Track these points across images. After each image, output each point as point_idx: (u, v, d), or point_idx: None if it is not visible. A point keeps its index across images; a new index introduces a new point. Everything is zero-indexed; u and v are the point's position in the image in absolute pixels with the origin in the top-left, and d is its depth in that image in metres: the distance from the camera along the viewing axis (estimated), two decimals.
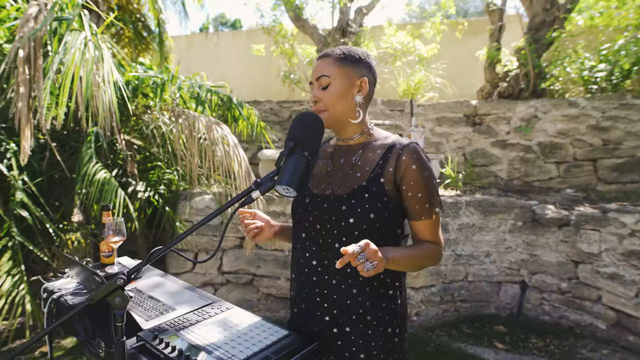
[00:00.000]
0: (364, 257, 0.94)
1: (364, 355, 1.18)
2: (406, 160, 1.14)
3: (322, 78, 1.20)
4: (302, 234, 1.28)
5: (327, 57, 1.23)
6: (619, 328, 3.06)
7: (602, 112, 4.42)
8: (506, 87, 5.21)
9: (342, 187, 1.22)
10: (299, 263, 1.30)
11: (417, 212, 1.16)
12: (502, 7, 5.59)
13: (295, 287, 1.34)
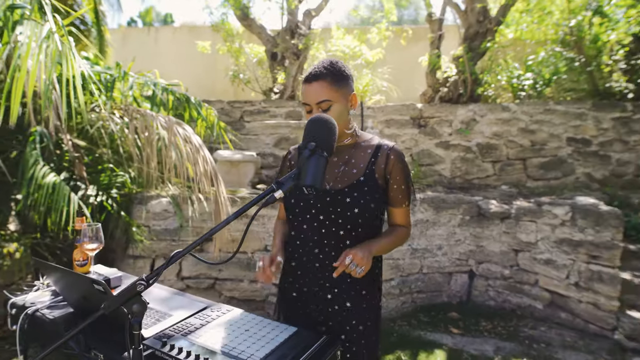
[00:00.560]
0: (354, 265, 1.20)
1: (362, 327, 1.37)
2: (394, 159, 1.37)
3: (323, 103, 1.30)
4: (304, 225, 1.39)
5: (322, 79, 1.31)
6: (553, 307, 3.47)
7: (530, 117, 4.94)
8: (447, 92, 5.61)
9: (341, 182, 1.38)
10: (300, 253, 1.42)
11: (398, 201, 1.40)
12: (442, 17, 6.00)
13: (295, 274, 1.44)
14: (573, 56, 5.30)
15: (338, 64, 1.34)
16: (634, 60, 5.08)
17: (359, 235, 1.36)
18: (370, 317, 1.39)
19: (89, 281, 1.24)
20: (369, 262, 1.24)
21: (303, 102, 1.35)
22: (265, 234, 3.55)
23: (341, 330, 1.36)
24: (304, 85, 1.34)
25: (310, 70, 1.36)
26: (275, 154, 5.42)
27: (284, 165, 1.58)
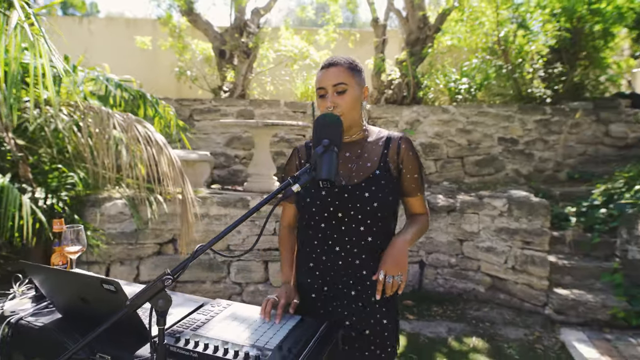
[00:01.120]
0: (390, 277, 1.23)
1: (386, 320, 1.36)
2: (405, 148, 1.38)
3: (340, 85, 1.32)
4: (322, 224, 1.38)
5: (339, 65, 1.34)
6: (493, 290, 3.86)
7: (466, 118, 5.41)
8: (392, 93, 5.94)
9: (356, 177, 1.37)
10: (319, 252, 1.40)
11: (413, 190, 1.40)
12: (385, 23, 6.33)
13: (314, 275, 1.43)
14: (501, 64, 5.88)
15: (352, 59, 1.39)
16: (550, 69, 5.77)
17: (378, 230, 1.36)
18: (393, 313, 1.40)
19: (98, 281, 1.22)
20: (404, 265, 1.26)
21: (318, 87, 1.35)
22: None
23: (366, 325, 1.36)
24: (319, 73, 1.36)
25: (326, 60, 1.38)
26: (227, 153, 5.36)
27: (291, 162, 1.55)
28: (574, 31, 5.45)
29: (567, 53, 5.64)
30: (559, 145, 5.40)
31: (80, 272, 1.34)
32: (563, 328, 3.38)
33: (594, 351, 3.04)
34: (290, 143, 5.45)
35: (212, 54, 6.15)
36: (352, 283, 1.37)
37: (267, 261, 3.57)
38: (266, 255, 3.55)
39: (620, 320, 3.33)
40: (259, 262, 3.57)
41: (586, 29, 5.45)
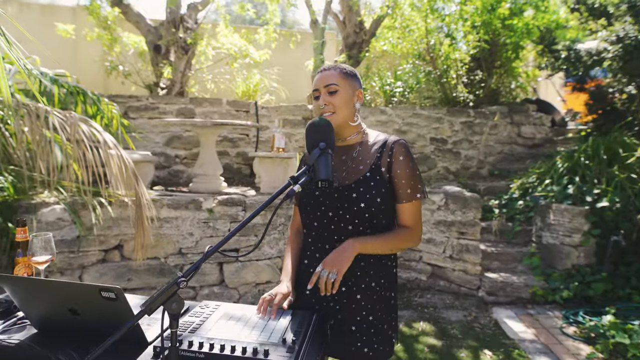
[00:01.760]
0: (325, 272, 1.30)
1: (372, 317, 1.43)
2: (397, 152, 1.40)
3: (331, 85, 1.41)
4: (315, 223, 1.45)
5: (333, 70, 1.45)
6: (434, 277, 4.21)
7: (402, 119, 5.78)
8: None
9: (348, 178, 1.43)
10: (312, 250, 1.48)
11: (401, 196, 1.40)
12: (324, 26, 6.50)
13: (308, 272, 1.47)
14: (430, 69, 6.37)
15: (347, 66, 1.49)
16: (472, 76, 6.38)
17: (366, 230, 1.41)
18: (381, 309, 1.43)
19: (96, 289, 1.17)
20: (342, 265, 1.29)
21: (313, 89, 1.45)
22: (179, 236, 3.42)
23: (352, 322, 1.41)
24: (317, 75, 1.45)
25: (322, 66, 1.50)
26: (167, 153, 5.14)
27: (300, 165, 1.64)
28: (492, 43, 6.09)
29: (485, 62, 6.28)
30: (481, 144, 6.01)
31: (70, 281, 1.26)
32: (495, 307, 3.81)
33: (520, 325, 3.47)
34: (233, 142, 5.38)
35: (146, 48, 5.82)
36: (343, 279, 1.40)
37: (222, 263, 3.52)
38: (221, 257, 3.49)
39: (539, 297, 3.83)
40: (214, 265, 3.51)
41: (501, 41, 6.11)
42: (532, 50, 6.45)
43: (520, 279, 3.96)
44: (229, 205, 3.50)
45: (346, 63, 5.96)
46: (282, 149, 4.20)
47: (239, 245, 3.52)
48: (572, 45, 4.65)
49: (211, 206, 3.48)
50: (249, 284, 3.55)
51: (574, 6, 5.20)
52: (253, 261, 3.56)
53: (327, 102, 1.41)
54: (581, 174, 4.30)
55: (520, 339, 3.23)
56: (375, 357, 1.44)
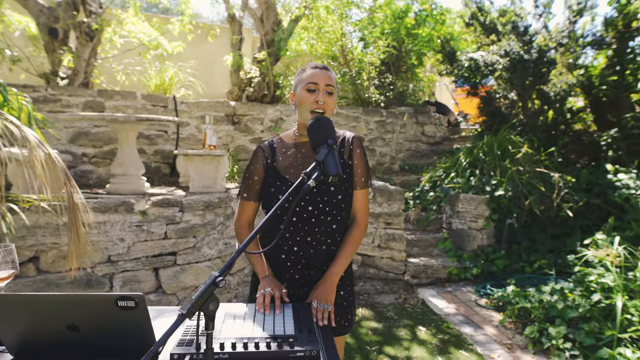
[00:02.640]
0: (321, 305, 1.42)
1: (344, 292, 1.62)
2: (355, 145, 1.60)
3: (331, 86, 1.53)
4: (293, 218, 1.54)
5: (330, 72, 1.56)
6: (364, 266, 4.49)
7: None
8: (252, 91, 6.06)
9: None
10: (290, 244, 1.56)
11: (357, 183, 1.59)
12: (241, 21, 6.38)
13: (285, 265, 1.58)
14: (346, 71, 6.70)
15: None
16: (383, 79, 6.89)
17: (341, 218, 1.58)
18: (350, 284, 1.65)
19: (112, 299, 1.08)
20: (331, 297, 1.47)
21: (311, 81, 1.49)
22: (108, 243, 3.10)
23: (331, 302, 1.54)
24: (315, 70, 1.52)
25: (316, 63, 1.56)
26: (73, 151, 4.58)
27: (257, 161, 1.62)
28: (399, 49, 6.65)
29: (394, 66, 6.84)
30: (393, 142, 6.54)
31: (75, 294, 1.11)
32: (419, 288, 4.23)
33: (443, 301, 3.93)
34: (151, 140, 5.00)
35: (37, 31, 5.06)
36: (319, 267, 1.57)
37: (158, 268, 3.29)
38: (157, 261, 3.26)
39: (454, 275, 4.37)
40: (149, 270, 3.26)
41: (407, 48, 6.72)
42: (432, 58, 7.20)
43: (438, 262, 4.46)
44: (164, 206, 3.29)
45: (267, 60, 5.97)
46: (214, 146, 4.07)
47: (177, 248, 3.33)
48: (473, 57, 5.35)
49: (144, 208, 3.23)
50: (188, 288, 3.38)
51: (468, 21, 5.97)
52: (192, 264, 3.40)
53: (325, 102, 1.50)
54: (480, 168, 4.99)
55: (445, 314, 3.65)
56: (340, 329, 1.62)
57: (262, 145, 1.68)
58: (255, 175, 1.64)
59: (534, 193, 4.57)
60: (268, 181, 1.60)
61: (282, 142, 1.68)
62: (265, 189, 1.61)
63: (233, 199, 3.76)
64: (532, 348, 3.01)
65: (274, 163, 1.62)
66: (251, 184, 1.66)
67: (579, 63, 5.43)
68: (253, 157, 1.66)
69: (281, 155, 1.64)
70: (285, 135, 1.69)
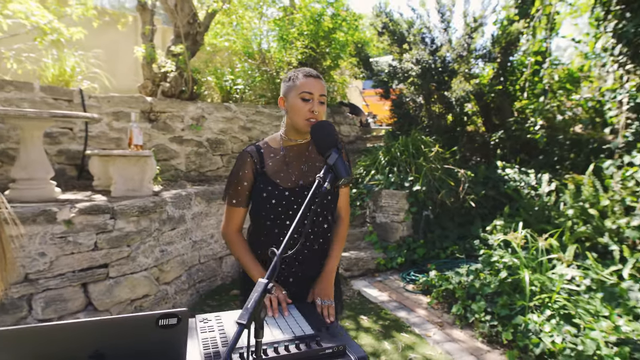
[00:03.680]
0: (325, 302, 1.51)
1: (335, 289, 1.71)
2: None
3: (324, 96, 1.58)
4: (287, 222, 1.58)
5: (321, 79, 1.61)
6: None
7: (246, 116, 5.90)
8: (169, 87, 5.68)
9: (311, 177, 1.60)
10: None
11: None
12: (153, 10, 5.92)
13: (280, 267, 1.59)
14: (267, 69, 6.68)
15: None
16: None
17: (331, 217, 1.66)
18: (335, 280, 1.71)
19: (153, 319, 1.02)
20: (330, 293, 1.56)
21: (306, 90, 1.51)
22: (25, 259, 2.68)
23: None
24: (309, 78, 1.54)
25: (309, 70, 1.58)
26: None
27: (246, 166, 1.61)
28: (317, 51, 6.86)
29: (311, 67, 7.02)
30: None
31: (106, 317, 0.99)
32: (353, 280, 4.47)
33: (376, 290, 4.23)
34: (53, 138, 4.38)
35: None
36: (312, 266, 1.65)
37: (87, 283, 2.94)
38: (86, 276, 2.91)
39: (382, 266, 4.72)
40: (76, 287, 2.89)
41: (324, 50, 6.96)
42: (346, 61, 7.57)
43: (367, 254, 4.77)
44: (93, 213, 2.95)
45: (185, 54, 5.65)
46: (141, 146, 3.77)
47: (110, 260, 3.02)
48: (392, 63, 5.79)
49: (69, 217, 2.86)
50: (123, 302, 3.09)
51: (381, 30, 6.43)
52: (128, 275, 3.11)
53: (318, 112, 1.55)
54: (398, 165, 5.45)
55: (380, 302, 3.95)
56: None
57: (250, 150, 1.66)
58: (245, 181, 1.63)
59: (444, 187, 5.16)
60: (259, 187, 1.61)
61: (268, 146, 1.68)
62: (256, 195, 1.61)
63: (168, 203, 3.53)
64: (459, 323, 3.44)
65: (263, 168, 1.63)
66: (241, 190, 1.64)
67: (473, 73, 6.25)
68: (241, 163, 1.64)
69: (270, 160, 1.65)
70: (271, 140, 1.70)
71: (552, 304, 3.16)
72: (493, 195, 5.45)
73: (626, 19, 4.14)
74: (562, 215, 4.51)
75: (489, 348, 3.08)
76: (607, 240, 3.86)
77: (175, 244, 3.60)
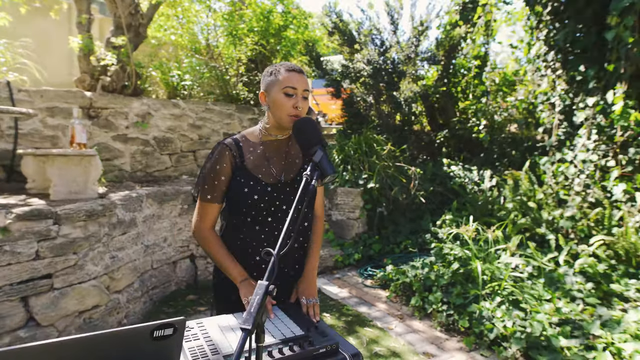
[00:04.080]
0: (310, 300, 1.51)
1: None
2: None
3: (306, 91, 1.55)
4: (268, 218, 1.54)
5: (304, 74, 1.57)
6: None
7: (196, 114, 5.67)
8: (110, 81, 5.30)
9: (291, 172, 1.59)
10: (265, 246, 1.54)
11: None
12: None
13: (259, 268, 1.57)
14: (215, 65, 6.47)
15: None
16: (252, 76, 6.89)
17: (311, 215, 1.68)
18: None
19: (147, 331, 0.95)
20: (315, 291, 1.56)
21: (289, 85, 1.47)
22: None
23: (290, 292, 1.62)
24: (292, 73, 1.50)
25: (291, 64, 1.53)
26: None
27: (224, 159, 1.55)
28: (267, 48, 6.76)
29: (262, 64, 6.91)
30: None
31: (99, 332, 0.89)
32: None
33: (335, 287, 4.27)
34: None
35: None
36: (292, 264, 1.64)
37: (28, 296, 2.65)
38: (26, 288, 2.62)
39: (340, 263, 4.77)
40: (15, 301, 2.59)
41: (274, 48, 6.88)
42: (296, 59, 7.54)
43: (324, 252, 4.79)
44: (34, 219, 2.66)
45: (128, 47, 5.30)
46: (84, 144, 3.49)
47: (54, 269, 2.75)
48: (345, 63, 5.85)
49: (5, 223, 2.56)
50: (70, 315, 2.83)
51: (331, 30, 6.48)
52: (75, 285, 2.85)
53: (302, 107, 1.52)
54: (351, 163, 5.54)
55: (341, 298, 3.99)
56: None
57: (227, 143, 1.60)
58: (223, 175, 1.56)
59: (396, 184, 5.34)
60: (239, 181, 1.55)
61: (247, 140, 1.63)
62: (236, 190, 1.55)
63: (118, 206, 3.29)
64: (418, 315, 3.58)
65: (243, 162, 1.57)
66: (217, 185, 1.57)
67: (420, 75, 6.52)
68: (219, 156, 1.57)
69: (249, 154, 1.60)
70: (248, 134, 1.65)
71: (501, 291, 3.39)
72: (441, 191, 5.73)
73: (556, 28, 4.54)
74: (504, 208, 4.85)
75: (447, 336, 3.24)
76: (544, 230, 4.21)
77: (127, 250, 3.36)
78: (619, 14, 3.46)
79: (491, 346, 3.02)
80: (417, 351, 3.01)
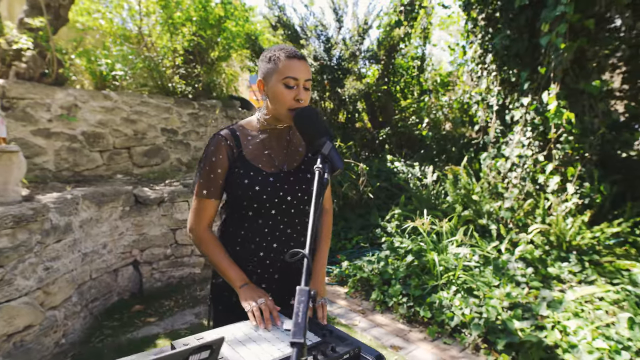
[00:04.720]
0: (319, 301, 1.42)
1: None
2: None
3: (309, 81, 1.42)
4: (272, 210, 1.42)
5: (306, 61, 1.44)
6: (207, 268, 4.23)
7: (130, 107, 5.18)
8: (26, 68, 4.62)
9: (294, 162, 1.48)
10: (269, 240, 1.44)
11: None
12: None
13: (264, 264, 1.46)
14: (149, 55, 5.97)
15: None
16: (189, 69, 6.49)
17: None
18: None
19: (185, 355, 0.81)
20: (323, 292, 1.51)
21: (290, 75, 1.33)
22: None
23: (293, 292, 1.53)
24: (293, 60, 1.35)
25: (292, 49, 1.38)
26: None
27: (221, 150, 1.41)
28: (207, 40, 6.41)
29: (200, 57, 6.54)
30: (207, 136, 6.29)
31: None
32: None
33: None
34: None
35: None
36: (294, 263, 1.49)
37: None
38: None
39: None
40: None
41: (214, 39, 6.55)
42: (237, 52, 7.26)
43: None
44: None
45: (48, 30, 4.67)
46: (4, 139, 2.99)
47: None
48: None
49: None
50: None
51: (274, 24, 6.33)
52: (1, 304, 2.42)
53: (303, 99, 1.38)
54: None
55: None
56: None
57: (223, 133, 1.46)
58: (219, 168, 1.43)
59: (345, 181, 5.37)
60: (238, 172, 1.41)
61: (244, 129, 1.50)
62: (236, 182, 1.41)
63: (51, 210, 2.87)
64: (379, 308, 3.62)
65: (241, 152, 1.44)
66: (214, 178, 1.43)
67: (363, 73, 6.64)
68: (214, 148, 1.43)
69: (248, 143, 1.47)
70: (246, 123, 1.52)
71: (456, 280, 3.56)
72: (386, 186, 5.88)
73: (490, 33, 4.88)
74: (446, 202, 5.12)
75: (410, 328, 3.31)
76: (486, 221, 4.51)
77: (63, 259, 2.95)
78: (550, 22, 3.80)
79: (452, 334, 3.15)
80: (385, 345, 3.03)
